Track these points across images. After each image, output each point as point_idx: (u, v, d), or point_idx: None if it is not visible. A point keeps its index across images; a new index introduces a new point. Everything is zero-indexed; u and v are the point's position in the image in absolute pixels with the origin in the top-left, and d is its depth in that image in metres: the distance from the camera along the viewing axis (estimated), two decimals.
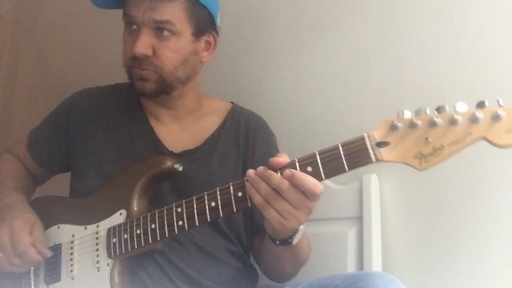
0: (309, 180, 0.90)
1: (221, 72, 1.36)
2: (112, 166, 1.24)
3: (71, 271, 1.17)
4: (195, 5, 1.21)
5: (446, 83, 1.28)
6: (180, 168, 1.16)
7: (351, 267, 1.30)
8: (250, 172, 0.95)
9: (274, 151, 1.32)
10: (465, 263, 1.22)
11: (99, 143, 1.28)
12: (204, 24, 1.25)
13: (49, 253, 1.17)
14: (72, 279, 1.16)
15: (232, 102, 1.39)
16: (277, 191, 0.92)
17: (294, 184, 0.90)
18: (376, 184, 1.32)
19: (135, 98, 1.33)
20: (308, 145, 1.49)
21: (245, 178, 0.97)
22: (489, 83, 1.22)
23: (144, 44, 1.17)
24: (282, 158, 0.94)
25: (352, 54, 1.45)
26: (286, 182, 0.90)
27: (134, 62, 1.20)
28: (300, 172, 0.91)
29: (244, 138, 1.30)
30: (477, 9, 1.27)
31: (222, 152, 1.27)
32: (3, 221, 1.18)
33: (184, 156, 1.24)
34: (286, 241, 1.02)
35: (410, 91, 1.34)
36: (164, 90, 1.23)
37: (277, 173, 0.93)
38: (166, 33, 1.18)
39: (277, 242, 1.03)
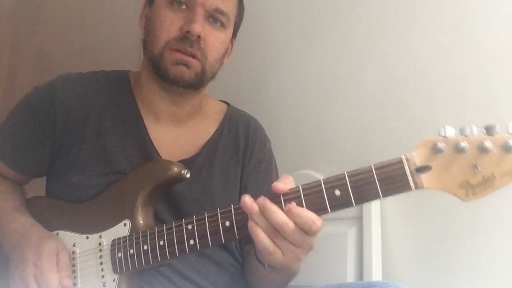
0: (307, 216, 0.76)
1: (221, 73, 1.25)
2: (103, 177, 1.05)
3: (75, 284, 1.01)
4: (241, 6, 1.15)
5: (446, 83, 1.19)
6: (188, 175, 0.99)
7: (350, 267, 1.23)
8: (247, 201, 0.79)
9: (268, 159, 1.19)
10: (465, 262, 1.14)
11: (91, 149, 1.07)
12: (238, 27, 1.17)
13: (71, 284, 0.99)
14: None
15: (227, 103, 1.24)
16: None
17: (293, 220, 0.77)
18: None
19: (128, 93, 1.14)
20: (308, 145, 1.44)
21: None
22: (490, 86, 1.13)
23: (201, 24, 1.03)
24: (282, 185, 0.80)
25: (352, 54, 1.36)
26: (291, 224, 0.76)
27: (180, 43, 1.03)
28: (298, 208, 0.77)
29: (244, 144, 1.16)
30: (480, 8, 1.16)
31: (222, 160, 1.12)
32: (26, 259, 0.98)
33: None
34: None
35: (410, 91, 1.24)
36: (198, 84, 1.08)
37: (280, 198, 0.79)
38: (218, 23, 1.08)
39: (265, 266, 0.90)
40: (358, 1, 1.35)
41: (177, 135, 1.13)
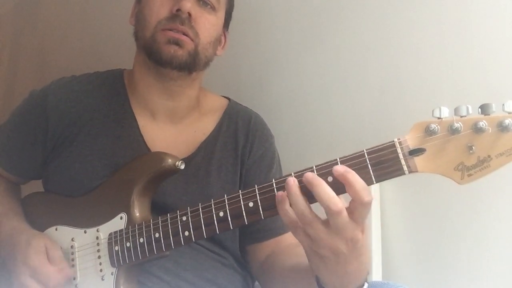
0: (327, 192, 0.67)
1: (221, 71, 1.22)
2: (95, 180, 1.02)
3: (74, 278, 0.99)
4: None
5: (446, 83, 1.14)
6: (182, 166, 0.95)
7: None
8: (291, 181, 0.71)
9: (270, 154, 1.13)
10: (465, 262, 1.09)
11: (81, 152, 1.04)
12: (229, 17, 1.14)
13: (72, 273, 0.98)
14: (76, 287, 0.98)
15: (228, 98, 1.19)
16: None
17: (311, 190, 0.68)
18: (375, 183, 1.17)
19: (121, 93, 1.11)
20: (308, 144, 1.39)
21: (255, 186, 0.78)
22: (491, 85, 1.07)
23: (190, 3, 1.01)
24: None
25: (352, 53, 1.31)
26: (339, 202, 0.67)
27: (171, 22, 1.01)
28: (321, 181, 0.68)
29: (243, 139, 1.11)
30: (479, 8, 1.11)
31: (220, 158, 1.07)
32: (17, 263, 0.95)
33: None
34: None
35: (410, 91, 1.20)
36: (192, 65, 1.03)
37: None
38: (208, 6, 1.06)
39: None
40: (359, 0, 1.30)
41: (174, 134, 1.08)
